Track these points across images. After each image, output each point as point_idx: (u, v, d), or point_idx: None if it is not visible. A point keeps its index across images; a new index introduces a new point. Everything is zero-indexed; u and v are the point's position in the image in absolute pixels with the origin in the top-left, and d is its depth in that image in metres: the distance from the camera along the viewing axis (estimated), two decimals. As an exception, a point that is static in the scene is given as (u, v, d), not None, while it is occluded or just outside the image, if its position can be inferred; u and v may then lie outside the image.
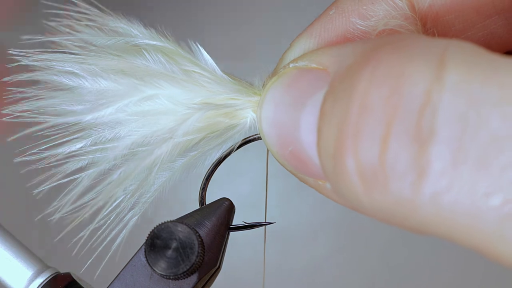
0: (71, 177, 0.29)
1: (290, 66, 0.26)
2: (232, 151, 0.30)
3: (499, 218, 0.18)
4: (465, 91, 0.18)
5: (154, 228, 0.28)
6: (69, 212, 0.29)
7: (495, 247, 0.18)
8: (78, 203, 0.29)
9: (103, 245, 0.30)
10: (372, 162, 0.20)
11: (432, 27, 0.26)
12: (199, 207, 0.31)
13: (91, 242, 0.30)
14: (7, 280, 0.30)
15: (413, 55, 0.20)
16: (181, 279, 0.28)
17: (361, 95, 0.20)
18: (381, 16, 0.26)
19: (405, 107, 0.19)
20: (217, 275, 0.30)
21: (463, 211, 0.18)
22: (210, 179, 0.31)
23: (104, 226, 0.31)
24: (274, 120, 0.26)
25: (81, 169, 0.29)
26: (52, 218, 0.30)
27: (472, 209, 0.18)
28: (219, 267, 0.30)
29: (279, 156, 0.26)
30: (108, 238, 0.30)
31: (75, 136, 0.29)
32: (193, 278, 0.28)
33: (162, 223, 0.28)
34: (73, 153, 0.29)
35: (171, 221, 0.28)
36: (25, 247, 0.31)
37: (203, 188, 0.31)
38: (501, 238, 0.18)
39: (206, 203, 0.31)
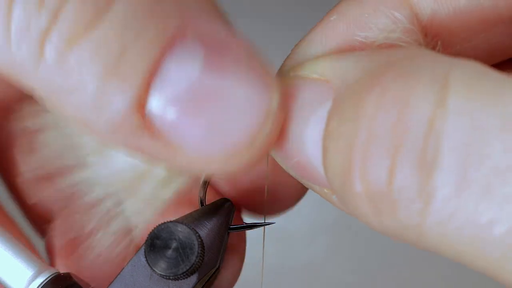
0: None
1: (290, 75, 0.26)
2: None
3: (503, 246, 0.18)
4: (467, 118, 0.19)
5: (154, 228, 0.28)
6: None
7: (502, 272, 0.19)
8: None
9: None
10: (380, 189, 0.20)
11: (435, 36, 0.26)
12: (199, 207, 0.31)
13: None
14: (7, 280, 0.30)
15: (417, 80, 0.20)
16: (181, 279, 0.28)
17: (367, 122, 0.21)
18: (381, 27, 0.26)
19: (410, 135, 0.19)
20: (217, 275, 0.30)
21: (468, 238, 0.18)
22: (210, 180, 0.31)
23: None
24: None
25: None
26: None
27: (477, 237, 0.18)
28: (219, 268, 0.30)
29: (283, 165, 0.26)
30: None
31: None
32: (193, 278, 0.28)
33: (162, 223, 0.28)
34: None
35: (171, 221, 0.28)
36: (25, 247, 0.31)
37: (203, 188, 0.31)
38: (507, 265, 0.18)
39: (206, 204, 0.31)
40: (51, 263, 0.35)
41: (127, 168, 0.28)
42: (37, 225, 0.37)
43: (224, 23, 0.24)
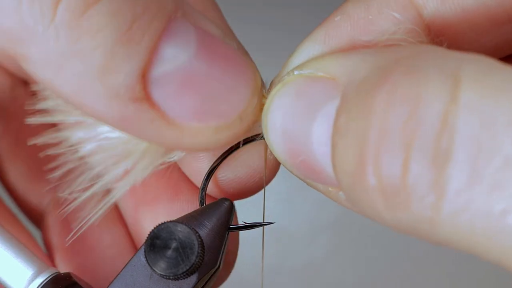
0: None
1: (295, 73, 0.26)
2: (233, 151, 0.30)
3: None
4: (479, 112, 0.19)
5: (154, 228, 0.28)
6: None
7: None
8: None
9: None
10: (394, 182, 0.20)
11: (440, 36, 0.26)
12: (199, 207, 0.31)
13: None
14: (7, 280, 0.30)
15: (427, 76, 0.20)
16: (181, 279, 0.28)
17: (379, 118, 0.21)
18: (384, 29, 0.26)
19: (423, 130, 0.20)
20: (217, 275, 0.30)
21: (481, 229, 0.19)
22: (210, 179, 0.31)
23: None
24: (282, 130, 0.25)
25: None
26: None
27: (490, 227, 0.19)
28: (219, 268, 0.30)
29: (287, 164, 0.26)
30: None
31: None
32: (193, 278, 0.28)
33: (162, 223, 0.28)
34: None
35: (171, 221, 0.28)
36: (25, 247, 0.31)
37: (203, 188, 0.31)
38: None
39: (206, 203, 0.31)
40: (51, 260, 0.35)
41: (111, 143, 0.29)
42: (34, 222, 0.37)
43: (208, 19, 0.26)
